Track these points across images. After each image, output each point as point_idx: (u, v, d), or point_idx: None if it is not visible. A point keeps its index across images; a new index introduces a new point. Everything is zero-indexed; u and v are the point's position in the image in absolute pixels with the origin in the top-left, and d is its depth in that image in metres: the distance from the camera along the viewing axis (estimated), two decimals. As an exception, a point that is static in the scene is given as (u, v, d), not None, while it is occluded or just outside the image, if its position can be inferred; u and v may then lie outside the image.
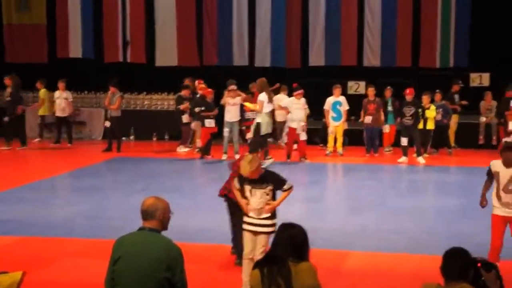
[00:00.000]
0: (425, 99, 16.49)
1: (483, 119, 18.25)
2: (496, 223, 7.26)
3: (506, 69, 18.97)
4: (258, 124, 15.14)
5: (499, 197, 7.16)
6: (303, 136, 16.11)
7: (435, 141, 17.47)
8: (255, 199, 6.72)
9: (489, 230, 7.41)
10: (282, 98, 17.32)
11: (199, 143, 17.27)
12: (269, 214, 6.73)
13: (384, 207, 11.30)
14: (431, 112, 16.64)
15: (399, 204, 11.52)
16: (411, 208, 11.23)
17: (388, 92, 17.76)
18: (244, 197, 6.81)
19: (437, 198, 12.75)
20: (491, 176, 7.29)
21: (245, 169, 6.59)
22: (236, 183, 6.89)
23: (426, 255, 8.21)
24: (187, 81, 17.89)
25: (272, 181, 6.74)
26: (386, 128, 17.56)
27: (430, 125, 16.70)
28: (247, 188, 6.74)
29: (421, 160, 15.92)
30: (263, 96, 15.12)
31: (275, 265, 4.12)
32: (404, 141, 16.10)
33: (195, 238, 9.02)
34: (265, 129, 15.12)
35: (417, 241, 9.11)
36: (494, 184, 7.26)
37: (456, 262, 4.22)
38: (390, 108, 17.61)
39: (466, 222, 10.09)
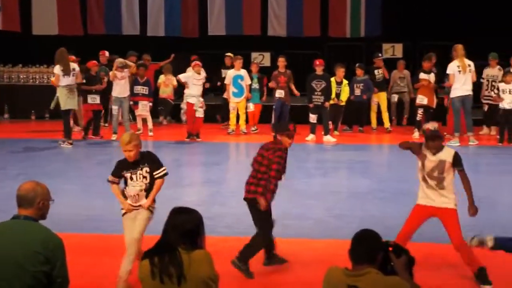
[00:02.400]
0: (340, 72, 16.77)
1: (394, 98, 18.47)
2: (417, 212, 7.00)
3: (421, 39, 19.55)
4: (57, 98, 15.48)
5: (425, 181, 6.88)
6: (200, 113, 16.14)
7: (352, 118, 17.78)
8: (132, 185, 6.84)
9: (402, 212, 7.59)
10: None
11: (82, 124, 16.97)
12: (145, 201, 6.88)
13: (290, 189, 11.46)
14: (344, 87, 16.98)
15: (306, 186, 11.76)
16: (318, 190, 11.50)
17: (254, 67, 17.85)
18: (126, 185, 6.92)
19: (346, 179, 13.10)
20: (413, 151, 6.95)
21: (123, 141, 6.70)
22: (110, 177, 6.95)
23: (334, 240, 8.44)
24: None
25: (148, 162, 6.87)
26: (250, 107, 17.57)
27: (342, 101, 17.04)
28: (128, 175, 6.84)
29: (330, 138, 16.27)
30: (57, 69, 15.09)
31: (166, 253, 4.15)
32: (313, 118, 16.37)
33: (80, 228, 8.94)
34: (64, 104, 15.13)
35: (324, 225, 9.34)
36: (419, 168, 6.95)
37: (365, 245, 4.30)
38: (255, 85, 17.65)
39: (377, 204, 10.41)
